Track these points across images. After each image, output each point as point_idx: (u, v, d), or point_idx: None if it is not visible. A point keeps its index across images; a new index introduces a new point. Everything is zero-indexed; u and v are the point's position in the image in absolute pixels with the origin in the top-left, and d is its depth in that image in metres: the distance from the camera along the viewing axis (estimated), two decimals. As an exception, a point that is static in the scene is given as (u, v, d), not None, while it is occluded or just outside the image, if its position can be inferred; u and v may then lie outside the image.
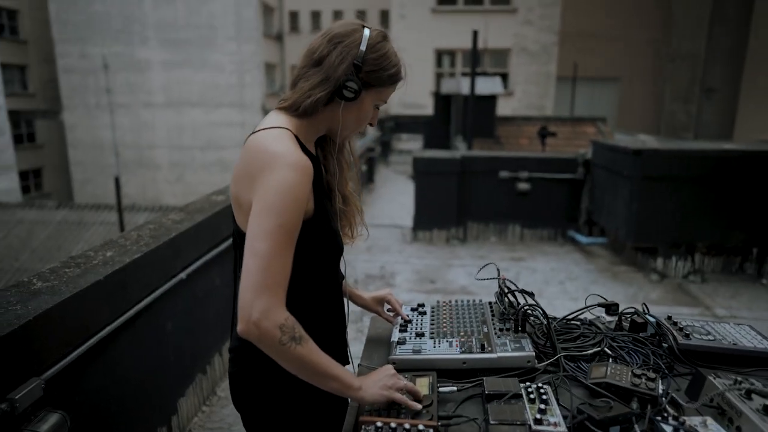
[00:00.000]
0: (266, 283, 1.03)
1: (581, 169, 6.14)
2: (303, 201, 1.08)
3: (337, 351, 1.30)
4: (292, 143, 1.09)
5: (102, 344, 1.96)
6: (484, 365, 1.29)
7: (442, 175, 6.18)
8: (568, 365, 1.32)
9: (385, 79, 1.18)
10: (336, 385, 1.10)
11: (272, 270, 1.04)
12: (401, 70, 1.21)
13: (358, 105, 1.17)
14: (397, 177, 12.08)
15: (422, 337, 1.43)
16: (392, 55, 1.18)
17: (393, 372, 1.17)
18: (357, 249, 5.94)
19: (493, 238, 6.35)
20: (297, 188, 1.06)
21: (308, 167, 1.08)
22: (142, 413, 2.34)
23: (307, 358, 1.07)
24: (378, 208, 8.98)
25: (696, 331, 1.43)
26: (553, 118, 13.98)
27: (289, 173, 1.05)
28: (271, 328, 1.03)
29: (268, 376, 1.18)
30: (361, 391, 1.11)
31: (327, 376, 1.09)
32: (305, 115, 1.16)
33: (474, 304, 1.63)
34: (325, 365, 1.09)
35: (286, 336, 1.04)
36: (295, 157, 1.07)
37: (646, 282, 5.06)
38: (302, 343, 1.06)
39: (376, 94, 1.19)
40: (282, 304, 1.06)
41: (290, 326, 1.05)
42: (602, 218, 5.88)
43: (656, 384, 1.14)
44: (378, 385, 1.12)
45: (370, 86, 1.16)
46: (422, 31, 17.71)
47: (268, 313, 1.02)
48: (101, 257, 2.15)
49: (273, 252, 1.04)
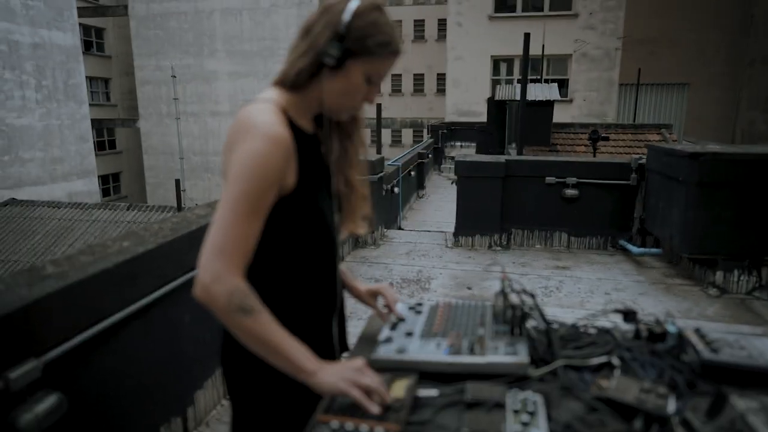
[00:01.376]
0: (223, 248, 1.03)
1: (634, 174, 5.79)
2: (273, 173, 1.06)
3: (321, 339, 1.26)
4: (271, 116, 1.08)
5: (111, 331, 2.00)
6: (471, 370, 1.19)
7: (485, 180, 6.01)
8: (569, 375, 1.20)
9: (373, 48, 1.10)
10: (286, 365, 1.07)
11: (231, 236, 1.04)
12: (393, 42, 1.12)
13: (345, 76, 1.11)
14: (447, 184, 11.93)
15: (411, 336, 1.35)
16: (383, 25, 1.11)
17: (360, 367, 1.09)
18: (395, 252, 5.88)
19: (537, 245, 6.11)
20: (265, 158, 1.04)
21: (283, 140, 1.07)
22: (154, 403, 2.37)
23: (254, 332, 1.05)
24: (425, 213, 8.90)
25: (727, 345, 1.23)
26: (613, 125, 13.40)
27: (260, 143, 1.04)
28: (220, 293, 1.02)
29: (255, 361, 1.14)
30: (314, 377, 1.06)
31: (277, 354, 1.06)
32: (294, 87, 1.15)
33: (476, 305, 1.54)
34: (276, 343, 1.06)
35: (234, 305, 1.03)
36: (268, 128, 1.06)
37: (703, 296, 4.68)
38: (252, 315, 1.04)
39: (366, 65, 1.12)
40: (237, 272, 1.05)
41: (240, 296, 1.03)
42: (656, 227, 5.52)
43: (667, 402, 1.00)
44: (337, 375, 1.05)
45: (356, 55, 1.10)
46: (479, 38, 17.52)
47: (220, 278, 1.02)
48: (117, 247, 2.21)
49: (234, 219, 1.04)
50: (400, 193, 8.17)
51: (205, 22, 19.83)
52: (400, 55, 1.16)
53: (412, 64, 27.65)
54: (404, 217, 8.73)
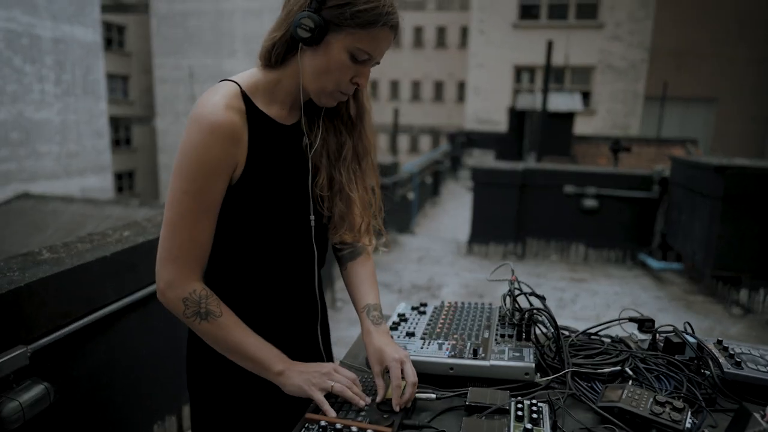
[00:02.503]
0: (172, 254, 0.98)
1: (657, 187, 5.63)
2: (215, 164, 0.95)
3: (301, 348, 1.16)
4: (221, 99, 0.96)
5: (106, 322, 1.94)
6: (474, 373, 1.12)
7: (501, 187, 5.90)
8: (579, 384, 1.11)
9: (354, 17, 0.92)
10: (252, 365, 1.03)
11: (178, 239, 0.97)
12: (379, 11, 0.94)
13: (325, 51, 0.96)
14: (464, 192, 11.81)
15: (412, 337, 1.27)
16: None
17: (330, 370, 1.04)
18: (407, 258, 5.79)
19: (553, 256, 5.97)
20: (203, 150, 0.94)
21: (225, 126, 0.94)
22: (149, 399, 2.31)
23: (213, 335, 1.01)
24: (439, 221, 8.81)
25: (752, 360, 1.16)
26: (636, 139, 13.17)
27: (197, 133, 0.94)
28: (175, 300, 0.99)
29: (218, 357, 1.08)
30: (281, 377, 1.02)
31: (241, 355, 1.02)
32: (269, 65, 1.02)
33: (482, 307, 1.46)
34: (238, 343, 1.02)
35: (190, 310, 0.99)
36: (208, 115, 0.94)
37: (726, 315, 4.51)
38: (209, 318, 1.00)
39: (348, 39, 0.94)
40: (191, 276, 1.00)
41: (195, 300, 0.99)
42: (678, 242, 5.35)
43: (683, 416, 0.92)
44: (303, 377, 1.02)
45: (336, 26, 0.94)
46: (502, 46, 17.41)
47: (172, 285, 0.99)
48: (117, 236, 2.16)
49: (178, 220, 0.97)
50: (414, 200, 8.09)
51: (225, 22, 20.02)
52: (395, 30, 0.98)
53: (433, 70, 27.62)
54: (417, 224, 8.64)
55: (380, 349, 1.05)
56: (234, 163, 0.99)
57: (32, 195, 11.99)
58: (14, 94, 12.45)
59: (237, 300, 1.07)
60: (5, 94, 12.23)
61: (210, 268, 1.05)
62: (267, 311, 1.12)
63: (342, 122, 1.12)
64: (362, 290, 1.20)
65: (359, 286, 1.21)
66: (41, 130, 13.34)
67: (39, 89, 13.04)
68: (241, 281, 1.09)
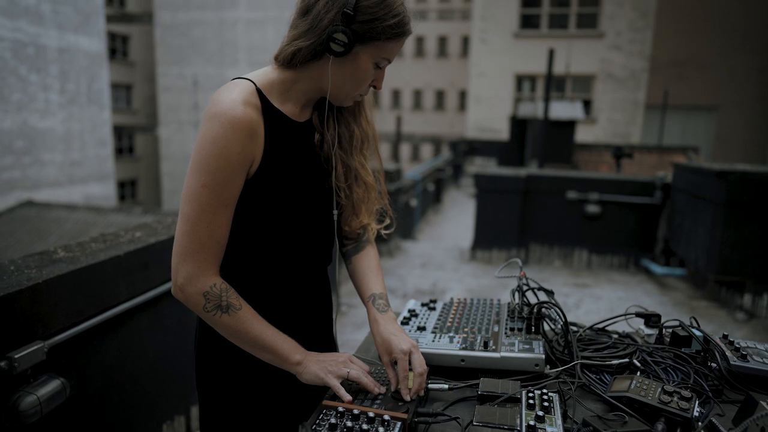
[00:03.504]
0: (191, 248, 0.99)
1: (659, 192, 5.66)
2: (234, 158, 0.97)
3: (315, 341, 1.19)
4: (235, 95, 0.98)
5: (119, 320, 1.97)
6: (485, 365, 1.15)
7: (505, 193, 5.93)
8: (587, 375, 1.14)
9: (384, 32, 0.98)
10: (271, 357, 1.05)
11: (197, 234, 0.99)
12: (405, 21, 1.01)
13: (353, 61, 1.01)
14: (466, 200, 11.86)
15: (423, 331, 1.30)
16: (393, 3, 0.99)
17: (346, 359, 1.06)
18: (410, 264, 5.82)
19: (557, 261, 5.99)
20: (222, 144, 0.96)
21: (243, 121, 0.97)
22: (159, 397, 2.33)
23: (233, 328, 1.03)
24: (442, 228, 8.83)
25: (758, 354, 1.18)
26: (637, 146, 13.22)
27: (216, 127, 0.96)
28: (195, 294, 1.00)
29: (229, 353, 1.11)
30: (299, 367, 1.05)
31: (260, 347, 1.04)
32: (288, 66, 1.04)
33: (491, 303, 1.49)
34: (258, 336, 1.04)
35: (211, 304, 1.01)
36: (226, 110, 0.96)
37: (730, 320, 4.51)
38: (230, 311, 1.02)
39: (375, 50, 1.01)
40: (210, 270, 1.01)
41: (216, 294, 1.01)
42: (681, 247, 5.36)
43: (691, 405, 0.94)
44: (319, 366, 1.04)
45: (365, 39, 0.99)
46: (503, 55, 17.51)
47: (192, 279, 1.00)
48: (129, 236, 2.19)
49: (197, 215, 0.98)
50: (417, 206, 8.12)
51: (228, 32, 20.18)
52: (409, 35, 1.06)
53: (434, 79, 27.77)
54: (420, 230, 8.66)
55: (387, 339, 1.07)
56: (251, 157, 1.01)
57: (36, 203, 12.04)
58: (19, 103, 12.55)
59: (254, 293, 1.09)
60: (10, 103, 12.33)
61: (227, 262, 1.07)
62: (284, 304, 1.15)
63: (348, 113, 1.16)
64: (366, 280, 1.23)
65: (363, 277, 1.24)
66: (45, 138, 13.42)
67: (43, 98, 13.14)
68: (259, 275, 1.12)
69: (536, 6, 17.40)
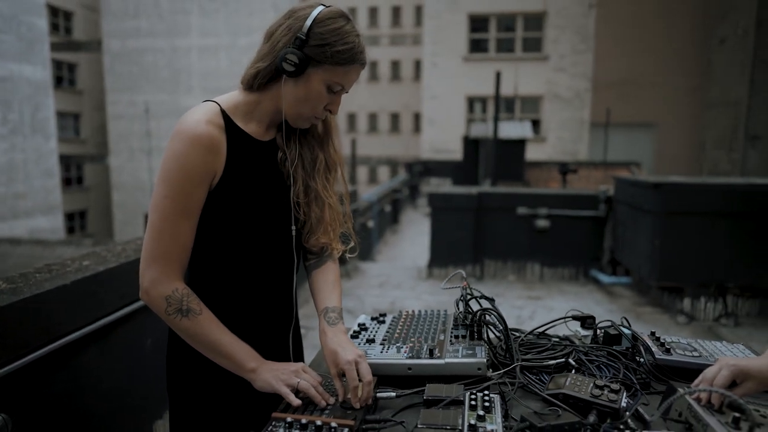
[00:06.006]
0: (156, 254, 1.07)
1: (603, 205, 5.94)
2: (196, 172, 1.07)
3: (274, 352, 1.23)
4: (202, 115, 1.09)
5: (67, 351, 1.92)
6: (431, 372, 1.20)
7: (458, 211, 6.09)
8: (527, 376, 1.22)
9: (333, 56, 1.07)
10: (227, 362, 1.11)
11: (162, 241, 1.07)
12: (357, 50, 1.09)
13: (306, 82, 1.09)
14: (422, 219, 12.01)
15: (372, 343, 1.34)
16: (345, 33, 1.08)
17: (298, 369, 1.12)
18: (368, 284, 5.86)
19: (511, 276, 6.15)
20: (185, 159, 1.05)
21: (204, 138, 1.07)
22: (111, 429, 2.26)
23: (192, 332, 1.09)
24: (400, 248, 8.91)
25: (680, 348, 1.30)
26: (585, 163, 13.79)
27: (179, 144, 1.06)
28: (158, 297, 1.07)
29: (199, 360, 1.15)
30: (253, 374, 1.10)
31: (218, 352, 1.10)
32: (251, 88, 1.14)
33: (438, 314, 1.55)
34: (215, 341, 1.09)
35: (172, 307, 1.07)
36: (190, 128, 1.06)
37: (673, 324, 4.75)
38: (190, 315, 1.08)
39: (327, 73, 1.09)
40: (173, 275, 1.08)
41: (177, 298, 1.07)
42: (625, 257, 5.63)
43: (620, 397, 1.03)
44: (272, 374, 1.10)
45: (317, 63, 1.07)
46: (454, 78, 18.02)
47: (156, 283, 1.07)
48: (77, 265, 2.15)
49: (161, 223, 1.07)
50: (374, 228, 8.20)
51: (181, 59, 19.96)
52: (364, 66, 1.14)
53: (389, 103, 28.21)
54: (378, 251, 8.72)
55: (334, 351, 1.11)
56: (213, 171, 1.09)
57: (-25, 238, 11.44)
58: (-43, 135, 12.00)
59: (216, 301, 1.15)
60: (-52, 134, 11.76)
61: (192, 269, 1.15)
62: (244, 314, 1.20)
63: (314, 138, 1.25)
64: (322, 294, 1.28)
65: (320, 291, 1.29)
66: (-14, 170, 12.83)
67: (-17, 129, 12.60)
68: (221, 284, 1.18)
69: (484, 31, 18.06)
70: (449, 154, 17.62)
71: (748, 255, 4.79)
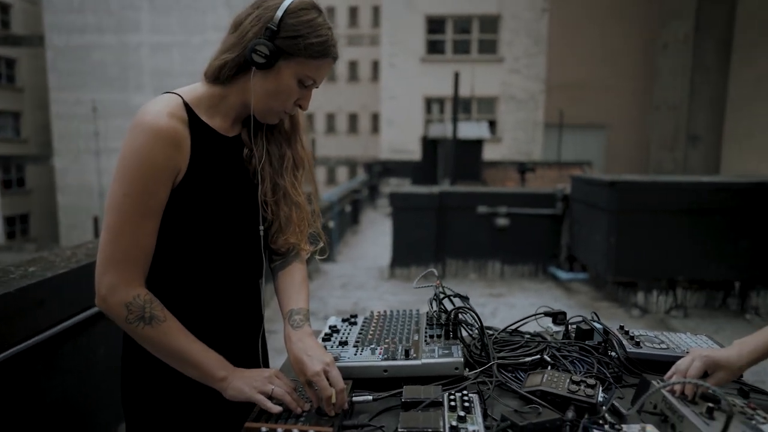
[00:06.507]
0: (114, 258, 0.99)
1: (560, 204, 6.09)
2: (157, 168, 0.99)
3: (242, 358, 1.17)
4: (163, 107, 1.01)
5: (10, 364, 1.79)
6: (407, 373, 1.17)
7: (419, 211, 6.11)
8: (504, 374, 1.21)
9: (306, 48, 1.02)
10: (195, 372, 1.03)
11: (121, 244, 0.99)
12: (329, 44, 1.06)
13: (276, 75, 1.04)
14: (383, 220, 12.02)
15: (345, 345, 1.30)
16: (317, 26, 1.03)
17: (271, 375, 1.06)
18: (330, 285, 5.80)
19: (472, 274, 6.23)
20: (145, 153, 0.98)
21: (167, 131, 0.99)
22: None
23: (156, 340, 1.01)
24: (361, 248, 8.88)
25: (648, 340, 1.33)
26: (540, 163, 14.14)
27: (140, 137, 0.98)
28: (117, 305, 0.99)
29: (156, 370, 1.07)
30: (223, 383, 1.03)
31: (184, 361, 1.03)
32: (216, 81, 1.07)
33: (410, 314, 1.52)
34: (181, 349, 1.02)
35: (133, 315, 0.99)
36: (151, 120, 0.99)
37: (627, 317, 4.91)
38: (153, 323, 1.00)
39: (299, 67, 1.04)
40: (134, 280, 1.00)
41: (139, 305, 0.99)
42: (582, 253, 5.78)
43: (596, 391, 1.03)
44: (244, 381, 1.03)
45: (288, 55, 1.03)
46: (411, 79, 18.14)
47: (115, 290, 0.99)
48: (21, 272, 2.01)
49: (120, 224, 0.99)
50: (335, 228, 8.13)
51: (131, 56, 19.24)
52: (336, 60, 1.10)
53: (347, 103, 28.14)
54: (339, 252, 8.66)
55: (299, 359, 1.03)
56: (176, 168, 1.02)
57: None
58: None
59: (181, 306, 1.07)
60: None
61: (154, 273, 1.06)
62: (211, 319, 1.13)
63: (281, 134, 1.19)
64: (287, 296, 1.22)
65: (284, 293, 1.23)
66: None
67: None
68: (186, 288, 1.10)
69: (441, 32, 18.27)
70: (408, 155, 17.72)
71: (696, 250, 5.01)
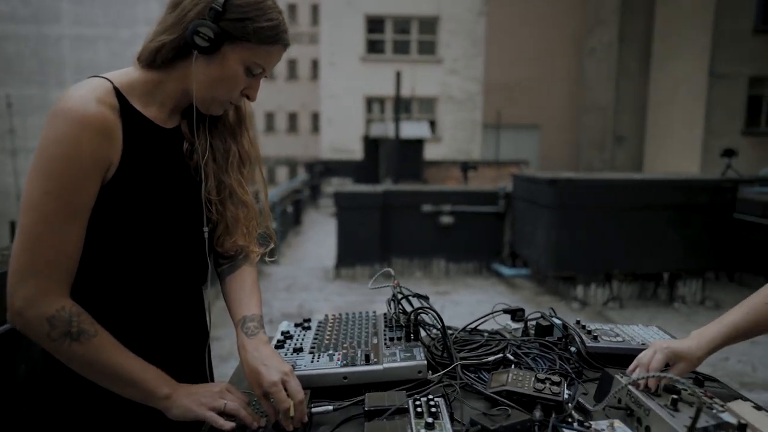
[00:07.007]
0: (33, 266, 0.85)
1: (502, 201, 6.22)
2: (84, 161, 0.86)
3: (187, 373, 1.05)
4: (90, 92, 0.88)
5: None
6: (369, 379, 1.11)
7: (364, 210, 6.06)
8: (467, 375, 1.17)
9: (255, 33, 0.93)
10: (133, 391, 0.91)
11: (40, 249, 0.85)
12: (279, 29, 0.97)
13: (221, 61, 0.94)
14: (326, 220, 11.89)
15: (300, 352, 1.22)
16: (267, 8, 0.94)
17: (222, 389, 0.96)
18: (274, 288, 5.63)
19: (418, 273, 6.24)
20: (70, 144, 0.84)
21: (96, 119, 0.86)
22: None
23: (88, 358, 0.87)
24: (305, 250, 8.72)
25: (605, 334, 1.34)
26: (479, 162, 14.47)
27: (63, 125, 0.84)
28: (37, 319, 0.85)
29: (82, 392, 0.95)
30: (167, 401, 0.91)
31: (120, 380, 0.90)
32: (152, 66, 0.95)
33: (366, 316, 1.46)
34: (117, 367, 0.89)
35: (57, 330, 0.85)
36: (75, 105, 0.85)
37: (568, 310, 5.07)
38: (81, 339, 0.86)
39: (246, 52, 0.95)
40: (57, 291, 0.86)
41: (64, 319, 0.85)
42: (524, 249, 5.93)
43: (561, 388, 1.01)
44: (191, 398, 0.92)
45: (235, 39, 0.93)
46: (352, 78, 18.06)
47: (33, 302, 0.84)
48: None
49: (40, 227, 0.84)
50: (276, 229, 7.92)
51: (51, 49, 18.07)
52: (287, 48, 1.02)
53: (286, 102, 27.70)
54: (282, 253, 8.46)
55: (255, 370, 0.96)
56: (106, 160, 0.89)
57: None
58: None
59: (114, 318, 0.95)
60: None
61: (80, 281, 0.92)
62: (149, 331, 1.01)
63: (225, 127, 1.08)
64: (238, 302, 1.12)
65: (235, 299, 1.13)
66: None
67: None
68: (119, 297, 0.98)
69: (380, 32, 18.30)
70: (349, 154, 17.64)
71: (629, 244, 5.25)
